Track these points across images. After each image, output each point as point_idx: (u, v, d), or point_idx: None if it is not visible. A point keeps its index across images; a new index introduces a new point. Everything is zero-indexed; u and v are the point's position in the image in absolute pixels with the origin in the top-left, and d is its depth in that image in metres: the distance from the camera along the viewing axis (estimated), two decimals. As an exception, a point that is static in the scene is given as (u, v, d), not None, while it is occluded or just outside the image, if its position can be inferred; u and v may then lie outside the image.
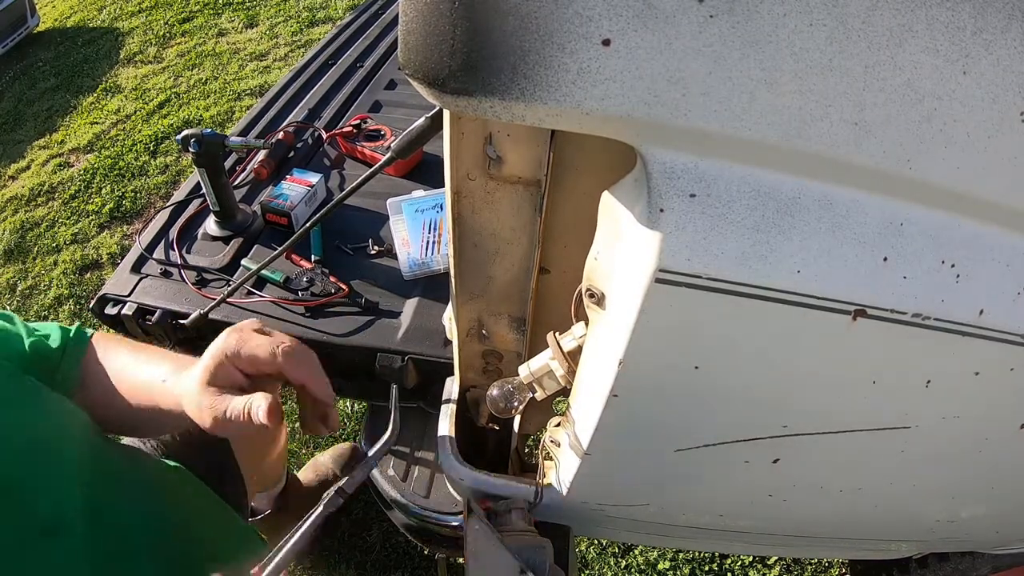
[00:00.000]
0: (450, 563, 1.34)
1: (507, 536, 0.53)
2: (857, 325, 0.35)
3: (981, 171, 0.31)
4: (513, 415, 0.55)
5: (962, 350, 0.37)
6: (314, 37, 3.31)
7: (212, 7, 3.79)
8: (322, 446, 1.68)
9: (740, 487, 0.54)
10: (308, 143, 1.26)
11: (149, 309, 0.98)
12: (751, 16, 0.26)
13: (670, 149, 0.30)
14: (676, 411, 0.43)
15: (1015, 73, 0.28)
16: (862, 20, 0.26)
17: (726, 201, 0.31)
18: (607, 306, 0.38)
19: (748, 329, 0.36)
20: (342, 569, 1.46)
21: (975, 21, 0.26)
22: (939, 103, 0.28)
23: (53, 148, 2.91)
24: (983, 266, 0.35)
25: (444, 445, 0.62)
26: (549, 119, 0.29)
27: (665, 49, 0.26)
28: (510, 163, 0.39)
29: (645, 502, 0.59)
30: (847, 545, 0.81)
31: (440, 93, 0.29)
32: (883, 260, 0.33)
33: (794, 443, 0.46)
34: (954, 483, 0.56)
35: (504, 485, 0.60)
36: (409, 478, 1.00)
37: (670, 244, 0.31)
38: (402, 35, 0.29)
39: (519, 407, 0.54)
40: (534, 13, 0.25)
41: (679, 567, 1.39)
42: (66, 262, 2.08)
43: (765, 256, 0.32)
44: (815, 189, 0.32)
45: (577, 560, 1.42)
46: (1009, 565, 0.94)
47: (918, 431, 0.45)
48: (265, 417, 0.48)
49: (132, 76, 3.35)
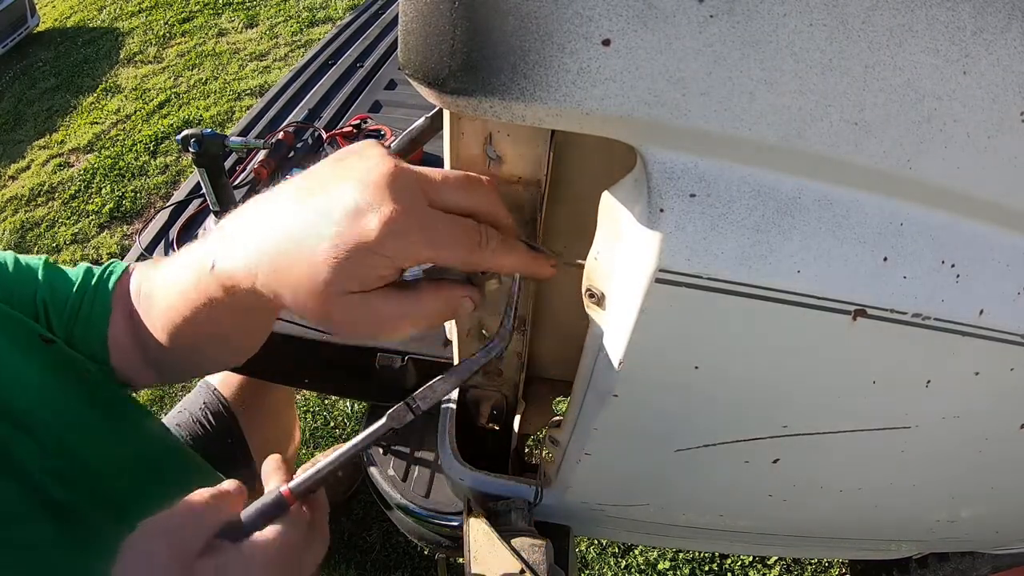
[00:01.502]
0: (450, 563, 1.34)
1: (507, 536, 0.53)
2: (857, 325, 0.35)
3: (981, 171, 0.31)
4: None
5: (962, 350, 0.37)
6: (314, 37, 3.32)
7: (212, 7, 3.79)
8: (322, 446, 1.69)
9: (740, 487, 0.54)
10: (308, 143, 1.26)
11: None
12: (751, 16, 0.26)
13: (670, 149, 0.30)
14: (676, 411, 0.43)
15: (1015, 73, 0.28)
16: (862, 20, 0.26)
17: (726, 201, 0.31)
18: (607, 306, 0.38)
19: (748, 329, 0.36)
20: (342, 569, 1.46)
21: (975, 21, 0.26)
22: (939, 103, 0.28)
23: (53, 148, 2.91)
24: (983, 266, 0.35)
25: (444, 445, 0.62)
26: (549, 119, 0.29)
27: (665, 49, 0.26)
28: (510, 163, 0.39)
29: (645, 502, 0.59)
30: (847, 545, 0.81)
31: (440, 93, 0.29)
32: (883, 260, 0.33)
33: (794, 443, 0.46)
34: (954, 483, 0.56)
35: (504, 485, 0.60)
36: (409, 478, 1.00)
37: (670, 244, 0.31)
38: (402, 35, 0.29)
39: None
40: (534, 13, 0.26)
41: (679, 567, 1.39)
42: (66, 262, 2.08)
43: (765, 256, 0.32)
44: (815, 189, 0.32)
45: (577, 560, 1.42)
46: (1009, 565, 0.94)
47: (918, 431, 0.45)
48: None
49: (132, 76, 3.35)
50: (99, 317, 0.52)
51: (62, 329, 0.52)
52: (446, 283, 0.37)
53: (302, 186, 0.35)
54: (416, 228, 0.32)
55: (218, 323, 0.44)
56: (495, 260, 0.36)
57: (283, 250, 0.34)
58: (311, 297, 0.33)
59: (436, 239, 0.33)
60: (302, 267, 0.33)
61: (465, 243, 0.34)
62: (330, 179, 0.34)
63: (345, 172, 0.34)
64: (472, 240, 0.34)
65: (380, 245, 0.31)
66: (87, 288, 0.53)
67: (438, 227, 0.33)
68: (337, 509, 1.53)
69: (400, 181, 0.32)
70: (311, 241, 0.32)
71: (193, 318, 0.44)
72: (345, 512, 1.53)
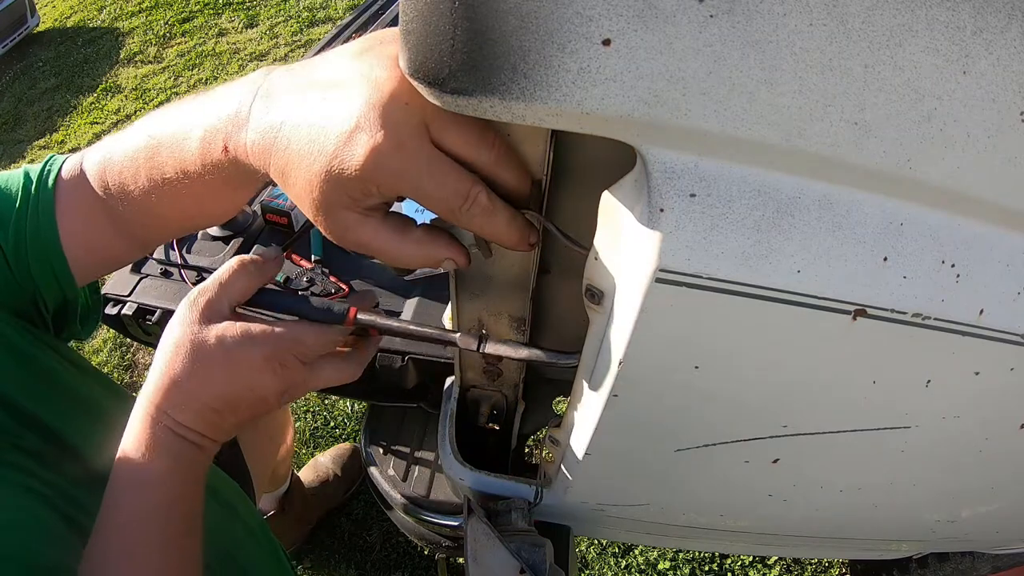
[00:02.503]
0: (450, 563, 1.34)
1: (507, 536, 0.53)
2: (857, 325, 0.35)
3: (981, 171, 0.31)
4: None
5: (962, 350, 0.37)
6: (314, 37, 3.31)
7: (212, 7, 3.79)
8: (322, 446, 1.69)
9: (740, 487, 0.54)
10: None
11: (149, 309, 0.98)
12: (751, 16, 0.26)
13: (670, 149, 0.30)
14: (676, 411, 0.43)
15: (1015, 73, 0.28)
16: (862, 20, 0.26)
17: (726, 201, 0.31)
18: (607, 306, 0.38)
19: (748, 329, 0.36)
20: (342, 569, 1.46)
21: (975, 21, 0.26)
22: (939, 103, 0.28)
23: (53, 148, 2.91)
24: (983, 266, 0.35)
25: (444, 445, 0.62)
26: (549, 119, 0.29)
27: (665, 49, 0.26)
28: (510, 163, 0.39)
29: (645, 502, 0.59)
30: (847, 545, 0.81)
31: (440, 93, 0.29)
32: (883, 260, 0.33)
33: (794, 443, 0.46)
34: (954, 483, 0.56)
35: (504, 485, 0.60)
36: (409, 478, 1.01)
37: (670, 244, 0.31)
38: (402, 35, 0.29)
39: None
40: (534, 13, 0.26)
41: (679, 567, 1.39)
42: (66, 262, 2.08)
43: (765, 256, 0.32)
44: (815, 189, 0.32)
45: (577, 560, 1.42)
46: (1009, 565, 0.94)
47: (918, 431, 0.45)
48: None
49: (132, 76, 3.35)
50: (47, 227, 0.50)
51: (10, 246, 0.50)
52: (439, 237, 0.39)
53: (311, 79, 0.35)
54: (401, 166, 0.32)
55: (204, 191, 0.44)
56: (468, 222, 0.35)
57: (287, 158, 0.35)
58: (308, 208, 0.35)
59: (420, 184, 0.33)
60: (303, 176, 0.34)
61: (448, 198, 0.33)
62: (342, 76, 0.33)
63: (357, 71, 0.33)
64: (457, 196, 0.34)
65: (363, 174, 0.32)
66: (28, 199, 0.50)
67: (426, 171, 0.32)
68: (337, 509, 1.53)
69: (402, 111, 0.31)
70: (312, 154, 0.33)
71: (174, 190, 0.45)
72: (345, 512, 1.53)
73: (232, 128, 0.38)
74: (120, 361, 2.00)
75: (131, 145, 0.47)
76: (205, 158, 0.41)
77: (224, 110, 0.39)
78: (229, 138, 0.39)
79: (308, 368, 0.45)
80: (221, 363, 0.42)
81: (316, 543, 1.49)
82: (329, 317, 0.44)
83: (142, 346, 1.99)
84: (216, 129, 0.40)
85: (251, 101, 0.37)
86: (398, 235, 0.37)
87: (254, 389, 0.43)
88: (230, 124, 0.38)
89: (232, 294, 0.44)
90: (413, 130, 0.31)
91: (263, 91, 0.37)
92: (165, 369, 0.43)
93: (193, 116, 0.42)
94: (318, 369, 0.46)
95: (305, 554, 1.47)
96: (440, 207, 0.34)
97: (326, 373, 0.46)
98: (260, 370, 0.42)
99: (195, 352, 0.42)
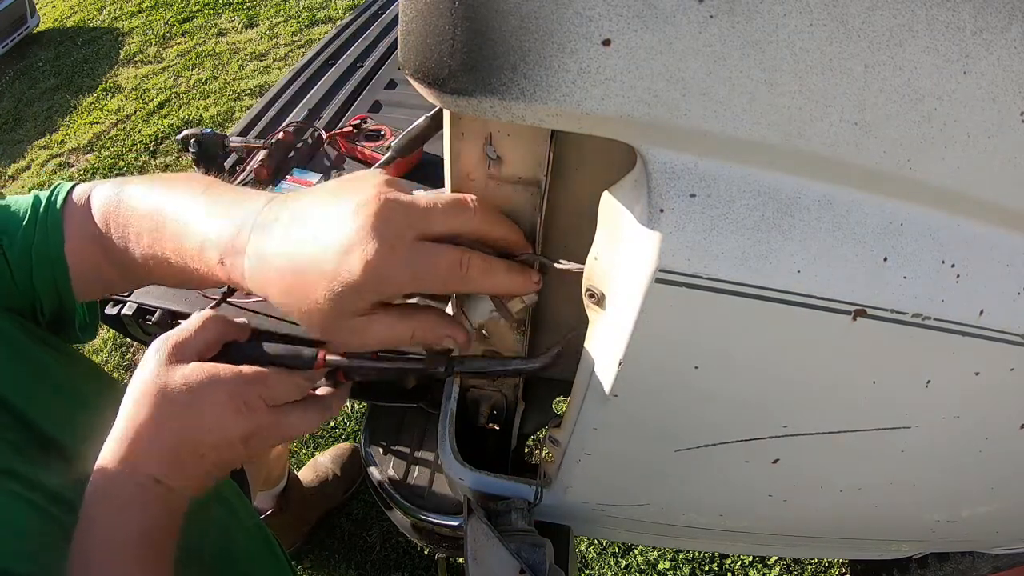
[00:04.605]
0: (450, 563, 1.34)
1: (507, 536, 0.53)
2: (857, 325, 0.35)
3: (981, 171, 0.31)
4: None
5: (962, 350, 0.37)
6: (314, 37, 3.31)
7: (212, 7, 3.79)
8: (322, 446, 1.69)
9: (740, 487, 0.54)
10: (308, 143, 1.26)
11: (149, 309, 0.98)
12: (751, 16, 0.26)
13: (670, 149, 0.30)
14: (676, 411, 0.43)
15: (1015, 73, 0.28)
16: (862, 20, 0.26)
17: (726, 201, 0.31)
18: (607, 306, 0.38)
19: (748, 329, 0.36)
20: (342, 569, 1.46)
21: (975, 21, 0.26)
22: (939, 103, 0.28)
23: (53, 148, 2.91)
24: (983, 266, 0.35)
25: (444, 445, 0.62)
26: (549, 119, 0.29)
27: (665, 49, 0.26)
28: (510, 163, 0.39)
29: (645, 502, 0.59)
30: (847, 545, 0.81)
31: (440, 93, 0.29)
32: (883, 260, 0.33)
33: (794, 443, 0.46)
34: (954, 483, 0.56)
35: (504, 485, 0.60)
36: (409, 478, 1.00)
37: (670, 244, 0.31)
38: (402, 35, 0.29)
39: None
40: (534, 13, 0.26)
41: (679, 567, 1.39)
42: (66, 262, 2.08)
43: (765, 256, 0.32)
44: (815, 189, 0.32)
45: (577, 560, 1.42)
46: (1009, 565, 0.94)
47: (918, 431, 0.45)
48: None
49: (132, 76, 3.35)
50: (54, 240, 0.51)
51: (15, 252, 0.51)
52: (438, 318, 0.41)
53: (302, 213, 0.39)
54: (397, 266, 0.35)
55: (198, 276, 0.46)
56: (474, 286, 0.38)
57: (289, 283, 0.38)
58: (316, 324, 0.38)
59: (417, 274, 0.36)
60: (309, 298, 0.37)
61: (445, 273, 0.37)
62: (329, 208, 0.37)
63: (341, 201, 0.37)
64: (452, 267, 0.37)
65: (364, 284, 0.35)
66: (37, 215, 0.52)
67: (420, 261, 0.36)
68: (337, 509, 1.53)
69: (387, 219, 0.35)
70: (312, 277, 0.36)
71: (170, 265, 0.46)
72: (345, 512, 1.53)
73: (229, 251, 0.41)
74: (120, 361, 2.00)
75: (140, 206, 0.49)
76: (201, 262, 0.43)
77: (226, 229, 0.42)
78: (226, 257, 0.41)
79: (275, 412, 0.44)
80: (185, 403, 0.41)
81: (316, 543, 1.49)
82: (297, 363, 0.44)
83: (142, 346, 1.99)
84: (214, 244, 0.42)
85: (250, 230, 0.40)
86: (402, 319, 0.39)
87: (216, 431, 0.42)
88: (228, 245, 0.41)
89: (198, 344, 0.43)
90: (399, 232, 0.36)
91: (260, 223, 0.40)
92: (130, 417, 0.42)
93: (198, 217, 0.44)
94: (286, 413, 0.44)
95: (305, 554, 1.47)
96: (442, 285, 0.37)
97: (294, 418, 0.45)
98: (224, 408, 0.41)
99: (159, 395, 0.41)
